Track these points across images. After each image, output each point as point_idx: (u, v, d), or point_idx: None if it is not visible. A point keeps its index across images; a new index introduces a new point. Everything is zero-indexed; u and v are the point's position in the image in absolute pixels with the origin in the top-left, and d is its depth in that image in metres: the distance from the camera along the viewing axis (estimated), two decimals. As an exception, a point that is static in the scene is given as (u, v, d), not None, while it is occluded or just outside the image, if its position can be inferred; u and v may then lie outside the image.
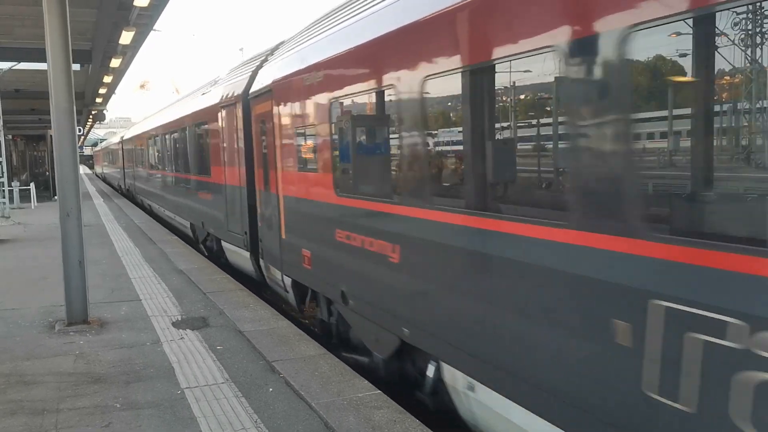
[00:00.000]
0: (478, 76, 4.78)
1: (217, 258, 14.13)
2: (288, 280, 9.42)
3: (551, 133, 4.98)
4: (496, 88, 4.97)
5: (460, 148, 5.10)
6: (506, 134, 5.35)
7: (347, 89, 6.87)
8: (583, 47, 3.71)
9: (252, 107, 10.70)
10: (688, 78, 3.80)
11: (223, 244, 13.28)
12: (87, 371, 6.78)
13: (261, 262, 10.98)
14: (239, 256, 12.16)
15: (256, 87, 10.48)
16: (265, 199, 10.23)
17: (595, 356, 3.75)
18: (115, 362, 7.04)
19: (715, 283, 3.04)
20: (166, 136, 19.69)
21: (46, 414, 5.67)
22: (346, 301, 7.21)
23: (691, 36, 3.53)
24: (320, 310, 8.64)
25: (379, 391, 6.03)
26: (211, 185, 13.63)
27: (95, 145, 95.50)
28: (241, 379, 6.44)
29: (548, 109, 5.09)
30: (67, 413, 5.68)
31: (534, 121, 5.32)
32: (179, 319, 8.83)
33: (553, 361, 4.07)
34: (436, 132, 5.73)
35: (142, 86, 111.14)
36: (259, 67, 10.82)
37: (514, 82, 4.95)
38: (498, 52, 4.48)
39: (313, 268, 8.19)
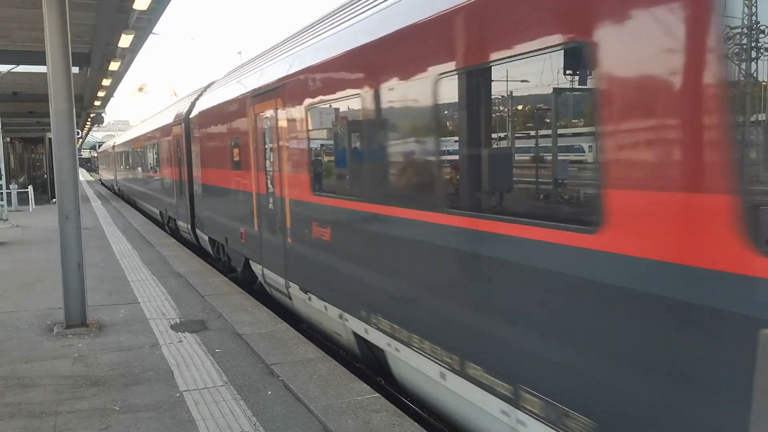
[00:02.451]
0: None
1: None
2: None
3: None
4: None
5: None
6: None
7: None
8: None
9: None
10: None
11: None
12: (85, 374, 6.77)
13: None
14: None
15: None
16: None
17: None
18: (114, 365, 7.04)
19: None
20: None
21: (45, 417, 5.67)
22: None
23: None
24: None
25: (378, 395, 6.03)
26: None
27: (93, 147, 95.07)
28: (239, 382, 6.44)
29: None
30: (66, 416, 5.68)
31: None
32: (178, 322, 8.82)
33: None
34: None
35: (140, 89, 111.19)
36: None
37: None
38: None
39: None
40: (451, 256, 5.10)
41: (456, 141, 5.13)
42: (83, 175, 74.27)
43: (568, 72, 4.23)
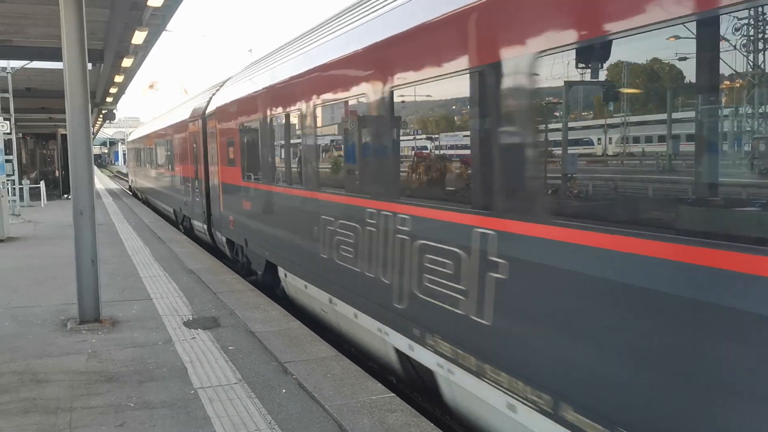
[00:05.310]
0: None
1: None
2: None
3: None
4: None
5: None
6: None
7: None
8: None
9: None
10: None
11: None
12: (100, 370, 6.78)
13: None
14: None
15: None
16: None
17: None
18: (128, 361, 7.04)
19: None
20: None
21: (60, 413, 5.66)
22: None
23: None
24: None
25: (393, 394, 6.00)
26: None
27: (104, 144, 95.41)
28: (253, 380, 6.42)
29: None
30: (81, 412, 5.68)
31: None
32: (190, 318, 8.82)
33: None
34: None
35: (150, 87, 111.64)
36: None
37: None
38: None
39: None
40: None
41: None
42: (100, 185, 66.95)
43: None
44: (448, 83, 5.50)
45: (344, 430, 5.26)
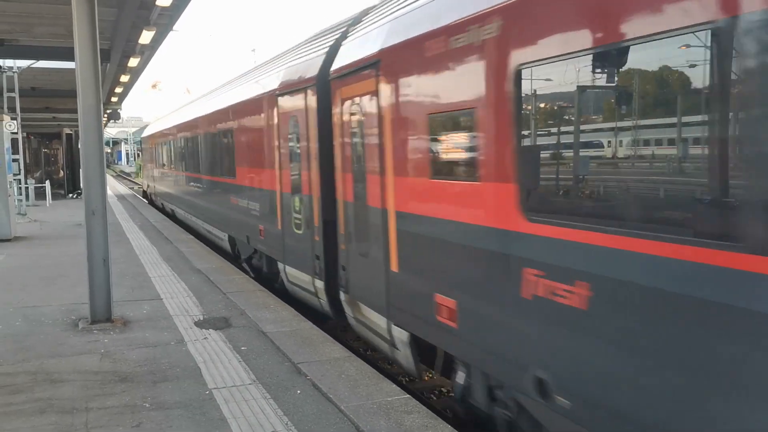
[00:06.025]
0: None
1: None
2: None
3: None
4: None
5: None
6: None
7: None
8: None
9: None
10: None
11: None
12: (113, 370, 6.77)
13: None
14: None
15: None
16: None
17: None
18: (141, 361, 7.03)
19: None
20: None
21: (76, 413, 5.65)
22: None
23: None
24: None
25: (409, 396, 5.99)
26: None
27: (107, 144, 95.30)
28: (267, 381, 6.40)
29: None
30: (97, 412, 5.66)
31: None
32: (201, 318, 8.81)
33: None
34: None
35: (153, 86, 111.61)
36: None
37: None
38: None
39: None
40: None
41: None
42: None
43: None
44: None
45: (361, 431, 5.24)
